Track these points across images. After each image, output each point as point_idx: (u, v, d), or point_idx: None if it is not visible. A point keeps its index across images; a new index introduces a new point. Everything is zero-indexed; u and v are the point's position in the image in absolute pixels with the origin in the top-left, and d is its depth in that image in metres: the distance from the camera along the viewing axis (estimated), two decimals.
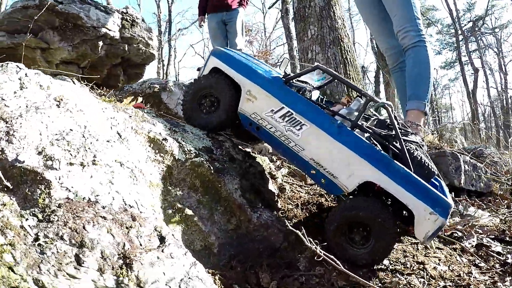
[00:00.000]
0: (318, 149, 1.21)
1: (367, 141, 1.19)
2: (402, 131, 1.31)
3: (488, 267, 1.38)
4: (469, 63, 15.73)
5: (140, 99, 1.41)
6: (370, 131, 1.23)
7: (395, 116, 1.24)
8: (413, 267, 1.32)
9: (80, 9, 2.94)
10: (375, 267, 1.22)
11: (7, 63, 1.14)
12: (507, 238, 1.64)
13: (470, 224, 1.76)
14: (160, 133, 1.19)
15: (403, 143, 1.18)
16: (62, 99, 1.03)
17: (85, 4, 3.00)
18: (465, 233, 1.66)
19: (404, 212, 1.21)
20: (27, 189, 0.80)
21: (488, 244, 1.59)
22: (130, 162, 0.99)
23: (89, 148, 0.92)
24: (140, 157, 1.09)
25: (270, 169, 1.79)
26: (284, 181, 1.76)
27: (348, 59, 2.82)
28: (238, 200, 1.24)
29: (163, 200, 1.09)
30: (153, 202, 1.05)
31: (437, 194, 1.11)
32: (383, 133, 1.24)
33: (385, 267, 1.28)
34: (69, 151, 0.89)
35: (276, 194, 1.61)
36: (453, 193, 2.10)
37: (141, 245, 0.79)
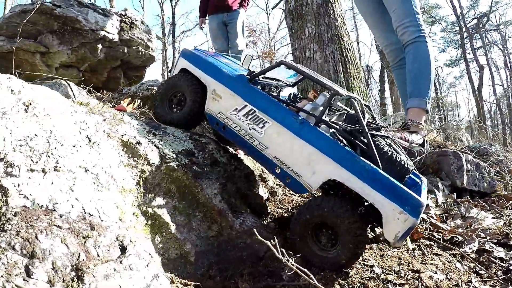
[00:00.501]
0: (280, 147, 1.18)
1: (331, 137, 1.14)
2: (373, 125, 1.26)
3: (489, 275, 1.29)
4: (474, 61, 15.43)
5: (137, 101, 1.37)
6: (336, 126, 1.18)
7: (362, 111, 1.20)
8: (407, 276, 1.23)
9: (78, 12, 2.95)
10: (347, 272, 1.16)
11: None
12: (511, 243, 1.55)
13: (472, 227, 1.67)
14: (134, 136, 1.15)
15: (371, 138, 1.11)
16: (31, 104, 1.00)
17: (83, 7, 3.00)
18: (466, 237, 1.57)
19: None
20: None
21: (490, 249, 1.50)
22: (96, 167, 0.95)
23: (52, 154, 0.89)
24: (111, 161, 1.05)
25: (261, 171, 1.73)
26: (276, 184, 1.70)
27: (348, 57, 2.75)
28: (218, 206, 1.18)
29: (136, 206, 1.05)
30: (124, 208, 1.01)
31: (407, 192, 1.03)
32: (349, 128, 1.18)
33: (376, 276, 1.21)
34: (31, 157, 0.86)
35: (265, 198, 1.55)
36: (455, 193, 2.00)
37: (98, 255, 0.74)
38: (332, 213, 1.07)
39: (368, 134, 1.11)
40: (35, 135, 0.92)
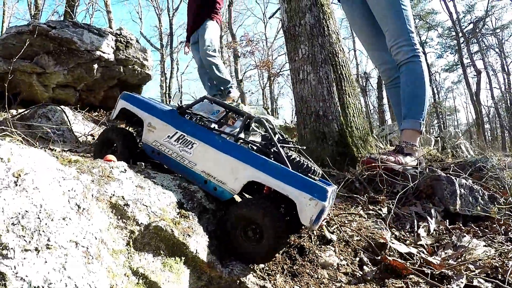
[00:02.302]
0: (207, 162, 1.42)
1: (247, 149, 1.40)
2: (280, 138, 1.58)
3: None
4: (472, 65, 15.38)
5: (111, 156, 1.41)
6: (251, 142, 1.45)
7: (271, 127, 1.49)
8: None
9: (74, 33, 2.96)
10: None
11: None
12: (499, 276, 1.56)
13: (462, 258, 1.69)
14: (122, 196, 1.18)
15: (279, 147, 1.39)
16: (20, 175, 1.02)
17: (78, 27, 3.01)
18: (455, 271, 1.59)
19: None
20: None
21: (478, 285, 1.52)
22: (86, 239, 0.98)
23: (43, 231, 0.91)
24: (102, 226, 1.08)
25: None
26: None
27: (343, 75, 2.74)
28: (207, 259, 1.22)
29: (127, 267, 1.08)
30: (115, 271, 1.04)
31: (313, 182, 1.26)
32: (263, 143, 1.47)
33: None
34: (24, 236, 0.88)
35: None
36: (447, 220, 2.02)
37: None
38: (257, 211, 1.26)
39: (277, 144, 1.40)
40: (26, 211, 0.94)
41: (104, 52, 3.02)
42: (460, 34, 15.18)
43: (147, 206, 1.19)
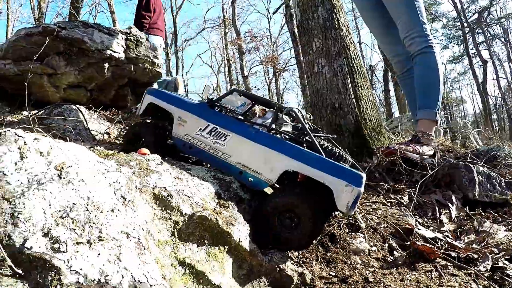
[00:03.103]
0: (241, 153, 1.42)
1: (281, 139, 1.41)
2: (311, 128, 1.56)
3: None
4: (477, 55, 15.41)
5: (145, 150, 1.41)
6: (284, 132, 1.46)
7: (303, 116, 1.49)
8: None
9: (84, 33, 2.95)
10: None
11: (5, 131, 1.12)
12: None
13: (485, 243, 1.72)
14: (165, 187, 1.19)
15: (312, 136, 1.40)
16: (63, 168, 1.03)
17: (88, 27, 3.00)
18: (481, 254, 1.62)
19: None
20: (38, 276, 0.81)
21: (503, 266, 1.55)
22: (136, 230, 0.99)
23: (94, 223, 0.92)
24: (147, 217, 1.09)
25: None
26: None
27: (355, 67, 2.76)
28: (248, 247, 1.23)
29: (173, 257, 1.10)
30: (163, 261, 1.05)
31: (348, 169, 1.29)
32: (296, 132, 1.48)
33: None
34: (75, 229, 0.89)
35: None
36: (467, 206, 2.05)
37: None
38: (296, 199, 1.29)
39: (310, 133, 1.40)
40: (74, 204, 0.95)
41: (114, 51, 3.01)
42: (465, 24, 15.24)
43: (189, 197, 1.20)
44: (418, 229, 1.74)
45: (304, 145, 1.42)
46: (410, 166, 2.17)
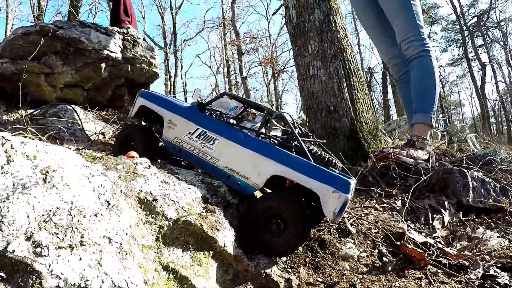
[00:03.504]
0: (230, 157, 1.43)
1: (268, 143, 1.42)
2: (300, 132, 1.57)
3: None
4: (476, 59, 15.35)
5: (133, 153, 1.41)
6: (273, 136, 1.47)
7: (292, 122, 1.49)
8: None
9: (81, 32, 2.95)
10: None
11: None
12: None
13: (477, 250, 1.71)
14: (151, 192, 1.19)
15: (300, 141, 1.40)
16: (48, 172, 1.03)
17: (86, 27, 3.00)
18: (472, 262, 1.61)
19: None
20: (20, 279, 0.81)
21: (495, 274, 1.53)
22: (119, 235, 0.99)
23: (76, 228, 0.92)
24: (131, 221, 1.09)
25: None
26: None
27: (352, 70, 2.75)
28: (234, 252, 1.23)
29: (157, 262, 1.09)
30: (146, 266, 1.05)
31: (336, 175, 1.28)
32: (284, 137, 1.49)
33: None
34: (57, 234, 0.89)
35: None
36: (461, 212, 2.03)
37: None
38: (281, 202, 1.29)
39: (299, 138, 1.41)
40: (57, 208, 0.95)
41: (111, 51, 3.02)
42: (464, 28, 15.18)
43: (174, 201, 1.20)
44: (410, 234, 1.74)
45: (293, 150, 1.43)
46: (404, 170, 2.16)
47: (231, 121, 1.73)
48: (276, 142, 1.47)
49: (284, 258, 1.51)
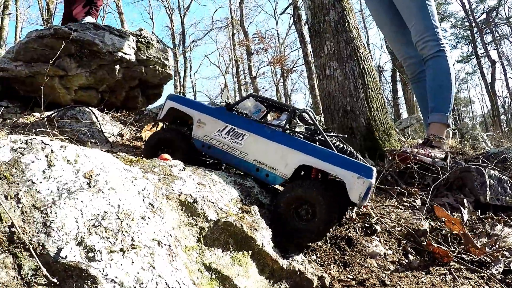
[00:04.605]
0: (258, 151, 1.51)
1: (294, 137, 1.50)
2: (324, 128, 1.63)
3: None
4: (486, 56, 15.31)
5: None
6: (298, 131, 1.56)
7: (315, 117, 1.60)
8: None
9: (95, 35, 2.97)
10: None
11: (31, 139, 1.13)
12: None
13: (496, 246, 1.74)
14: (190, 194, 1.21)
15: (325, 135, 1.50)
16: (91, 176, 1.05)
17: (100, 29, 3.02)
18: (492, 258, 1.64)
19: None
20: (74, 285, 0.83)
21: None
22: (166, 237, 1.01)
23: (126, 231, 0.94)
24: (174, 223, 1.12)
25: None
26: None
27: (366, 70, 2.77)
28: (271, 251, 1.26)
29: (200, 262, 1.12)
30: (190, 267, 1.08)
31: (359, 163, 1.38)
32: (309, 132, 1.59)
33: None
34: (108, 238, 0.91)
35: None
36: (479, 210, 2.06)
37: None
38: (311, 190, 1.36)
39: (323, 131, 1.51)
40: (105, 212, 0.97)
41: (125, 53, 3.03)
42: (474, 24, 15.17)
43: (213, 203, 1.22)
44: (432, 232, 1.77)
45: (317, 143, 1.50)
46: (422, 169, 2.18)
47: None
48: (301, 136, 1.53)
49: (314, 257, 1.54)
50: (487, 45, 16.14)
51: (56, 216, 0.91)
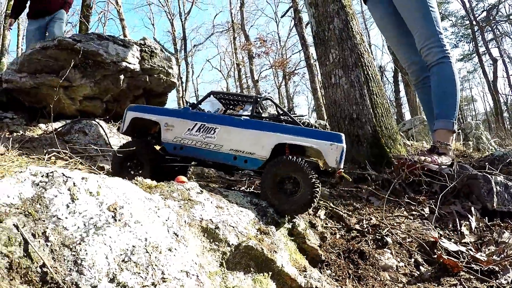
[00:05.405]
0: (232, 140, 1.58)
1: (264, 121, 1.61)
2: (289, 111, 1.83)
3: None
4: (487, 54, 15.27)
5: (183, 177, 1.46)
6: (264, 116, 1.69)
7: (278, 104, 1.77)
8: None
9: (99, 45, 2.96)
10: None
11: (52, 172, 1.12)
12: None
13: (504, 254, 1.78)
14: (211, 219, 1.24)
15: (290, 115, 1.64)
16: (116, 209, 1.06)
17: (104, 40, 3.01)
18: (501, 267, 1.68)
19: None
20: None
21: None
22: (193, 267, 1.04)
23: (156, 265, 0.97)
24: (197, 250, 1.14)
25: (308, 214, 1.83)
26: (323, 227, 1.80)
27: (370, 75, 2.79)
28: (290, 271, 1.29)
29: (223, 287, 1.15)
30: None
31: (329, 132, 1.53)
32: (274, 116, 1.72)
33: None
34: (139, 273, 0.93)
35: (318, 245, 1.66)
36: (486, 217, 2.10)
37: None
38: (292, 165, 1.46)
39: (288, 113, 1.66)
40: (133, 246, 0.99)
41: (129, 63, 3.03)
42: (474, 23, 15.12)
43: (233, 227, 1.25)
44: (442, 242, 1.80)
45: (284, 123, 1.62)
46: (429, 176, 2.22)
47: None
48: (269, 120, 1.66)
49: (328, 271, 1.58)
50: (488, 43, 16.10)
51: (86, 253, 0.93)
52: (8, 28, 4.16)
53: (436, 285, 1.61)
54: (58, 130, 2.63)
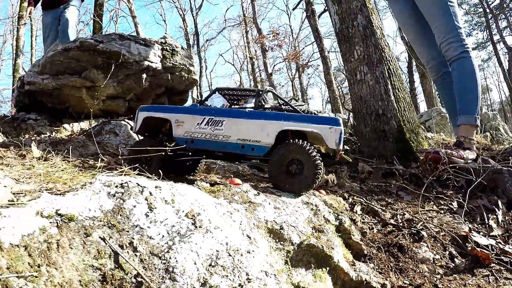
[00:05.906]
0: (240, 130, 1.69)
1: (267, 111, 1.73)
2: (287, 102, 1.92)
3: None
4: (502, 42, 15.03)
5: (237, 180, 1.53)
6: (268, 107, 1.82)
7: (279, 94, 1.92)
8: None
9: (121, 45, 2.98)
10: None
11: (126, 182, 1.16)
12: None
13: None
14: (275, 220, 1.31)
15: (291, 104, 1.79)
16: (194, 216, 1.13)
17: (125, 40, 3.03)
18: None
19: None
20: None
21: None
22: (272, 267, 1.11)
23: (240, 267, 1.04)
24: (266, 250, 1.22)
25: (346, 209, 1.91)
26: (362, 222, 1.89)
27: (391, 70, 2.85)
28: (344, 266, 1.38)
29: (289, 283, 1.23)
30: None
31: (327, 116, 1.67)
32: (276, 106, 1.85)
33: None
34: (227, 275, 1.00)
35: (360, 239, 1.75)
36: (511, 211, 2.19)
37: None
38: (297, 148, 1.57)
39: (288, 103, 1.80)
40: (217, 251, 1.05)
41: (151, 62, 3.05)
42: (488, 10, 14.90)
43: (294, 227, 1.33)
44: (473, 235, 1.90)
45: (286, 112, 1.75)
46: (454, 171, 2.30)
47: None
48: (272, 110, 1.79)
49: (371, 265, 1.66)
50: (502, 31, 15.81)
51: (176, 260, 0.98)
52: (28, 16, 4.15)
53: (471, 276, 1.70)
54: (89, 131, 2.67)
